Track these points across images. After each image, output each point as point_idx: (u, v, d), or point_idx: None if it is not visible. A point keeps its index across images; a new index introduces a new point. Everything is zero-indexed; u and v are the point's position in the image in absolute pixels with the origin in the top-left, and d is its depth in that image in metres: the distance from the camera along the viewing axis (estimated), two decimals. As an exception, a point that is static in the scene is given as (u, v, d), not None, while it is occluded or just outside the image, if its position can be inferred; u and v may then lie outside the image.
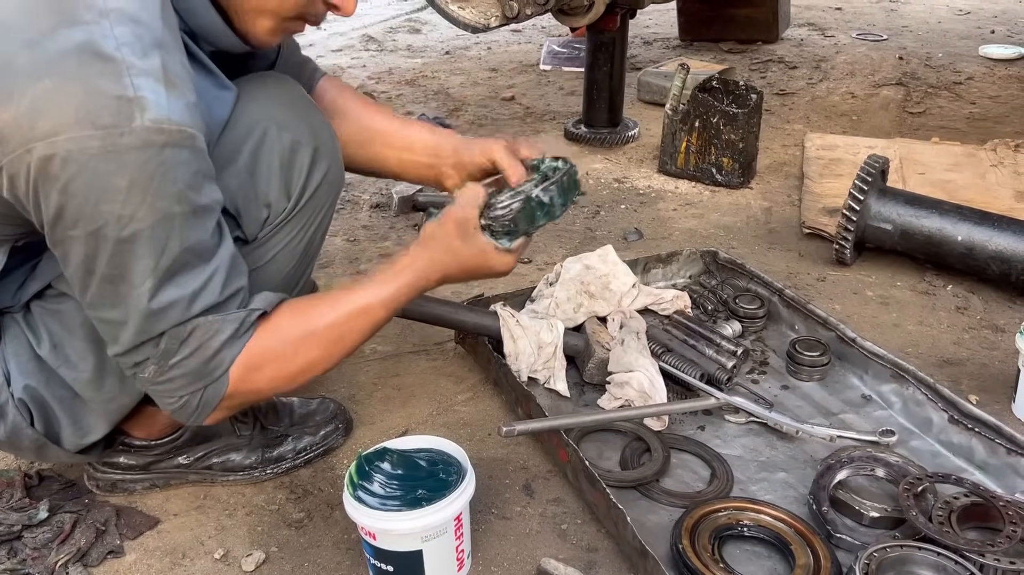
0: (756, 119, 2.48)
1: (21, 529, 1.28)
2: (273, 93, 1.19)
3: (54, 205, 0.94)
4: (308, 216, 1.21)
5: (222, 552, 1.27)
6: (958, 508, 1.24)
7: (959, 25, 4.49)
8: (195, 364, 1.06)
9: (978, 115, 3.14)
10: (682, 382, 1.55)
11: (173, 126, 0.94)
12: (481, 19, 2.40)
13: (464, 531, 1.18)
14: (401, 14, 4.93)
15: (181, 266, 1.01)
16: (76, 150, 0.91)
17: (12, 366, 1.17)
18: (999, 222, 1.89)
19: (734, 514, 1.26)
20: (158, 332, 1.03)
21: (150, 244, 0.97)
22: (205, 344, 1.05)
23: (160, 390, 1.09)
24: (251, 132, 1.14)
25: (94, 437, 1.23)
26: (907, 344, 1.76)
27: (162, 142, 0.94)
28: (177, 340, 1.04)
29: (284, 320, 1.13)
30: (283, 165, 1.16)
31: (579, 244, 2.18)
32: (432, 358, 1.73)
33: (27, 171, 0.92)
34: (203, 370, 1.07)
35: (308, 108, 1.22)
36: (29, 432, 1.18)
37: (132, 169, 0.93)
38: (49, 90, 0.90)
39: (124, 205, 0.94)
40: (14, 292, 1.16)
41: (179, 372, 1.06)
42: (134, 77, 0.92)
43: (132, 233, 0.96)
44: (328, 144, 1.22)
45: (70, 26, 0.91)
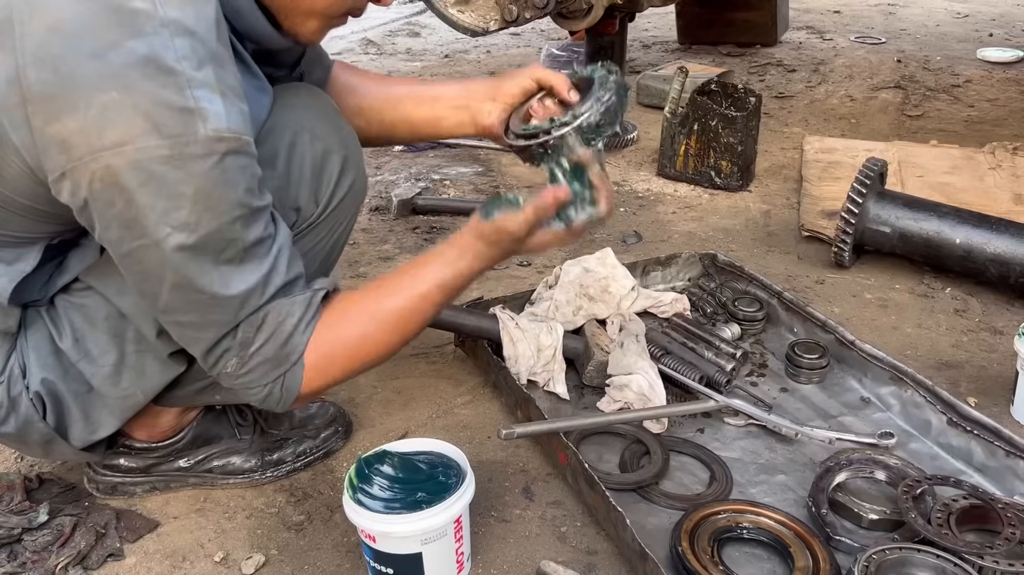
0: (755, 122, 2.48)
1: (21, 532, 1.28)
2: (307, 103, 1.23)
3: (121, 215, 0.96)
4: (333, 223, 1.25)
5: (222, 555, 1.27)
6: (957, 510, 1.24)
7: (957, 28, 4.50)
8: (272, 350, 1.08)
9: (976, 118, 3.14)
10: (681, 385, 1.56)
11: (231, 134, 0.97)
12: (480, 23, 2.41)
13: (464, 534, 1.18)
14: (400, 17, 4.94)
15: (244, 260, 1.03)
16: (144, 159, 0.93)
17: (31, 359, 1.18)
18: (997, 225, 1.89)
19: (733, 516, 1.26)
20: (235, 323, 1.05)
21: (215, 247, 1.00)
22: (279, 328, 1.08)
23: (242, 383, 1.11)
24: (286, 138, 1.17)
25: (103, 433, 1.24)
26: (906, 346, 1.76)
27: (223, 150, 0.96)
28: (253, 327, 1.06)
29: (349, 303, 1.17)
30: (314, 172, 1.19)
31: (578, 247, 2.18)
32: (432, 361, 1.73)
33: (92, 179, 0.94)
34: (280, 355, 1.09)
35: (338, 119, 1.25)
36: (40, 426, 1.19)
37: (198, 177, 0.95)
38: (116, 101, 0.92)
39: (191, 212, 0.96)
40: (41, 287, 1.17)
41: (258, 361, 1.09)
42: (194, 89, 0.94)
43: (199, 239, 0.98)
44: (355, 155, 1.25)
45: (133, 38, 0.93)
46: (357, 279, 2.05)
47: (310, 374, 1.12)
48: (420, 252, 2.17)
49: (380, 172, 2.68)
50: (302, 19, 1.12)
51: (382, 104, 1.41)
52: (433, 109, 1.40)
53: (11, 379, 1.18)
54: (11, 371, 1.18)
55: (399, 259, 2.15)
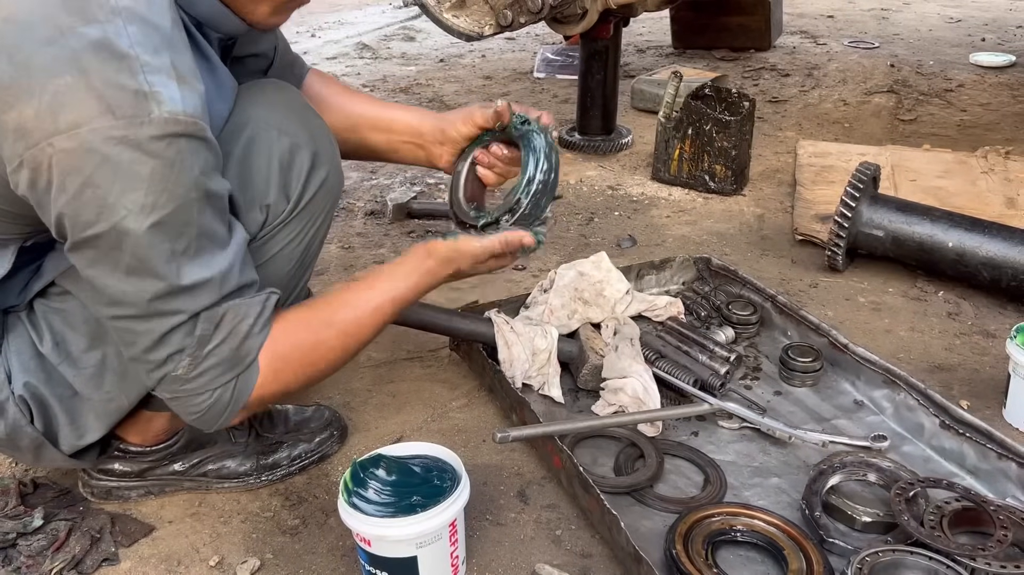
0: (749, 126, 2.49)
1: (16, 537, 1.28)
2: (273, 99, 1.21)
3: (75, 199, 0.95)
4: (307, 220, 1.22)
5: (217, 559, 1.27)
6: (949, 513, 1.25)
7: (950, 33, 4.52)
8: (228, 351, 1.07)
9: (969, 122, 3.16)
10: (676, 388, 1.56)
11: (186, 117, 0.96)
12: (475, 28, 2.41)
13: (459, 537, 1.18)
14: (395, 22, 4.95)
15: (199, 250, 1.02)
16: (99, 140, 0.93)
17: (14, 364, 1.18)
18: (989, 229, 1.90)
19: (727, 519, 1.27)
20: (192, 311, 1.03)
21: (171, 230, 0.99)
22: (236, 329, 1.06)
23: (191, 388, 1.08)
24: (249, 134, 1.16)
25: (91, 438, 1.23)
26: (899, 350, 1.77)
27: (179, 132, 0.96)
28: (212, 324, 1.05)
29: (304, 311, 1.17)
30: (282, 167, 1.17)
31: (573, 251, 2.19)
32: (427, 365, 1.73)
33: (49, 163, 0.93)
34: (235, 357, 1.08)
35: (307, 114, 1.23)
36: (28, 430, 1.19)
37: (153, 157, 0.95)
38: (70, 85, 0.92)
39: (147, 193, 0.96)
40: (19, 291, 1.17)
41: (213, 362, 1.06)
42: (148, 74, 0.94)
43: (155, 221, 0.97)
44: (327, 150, 1.23)
45: (85, 24, 0.93)
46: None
47: (264, 378, 1.11)
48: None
49: (375, 176, 2.68)
50: (251, 4, 1.11)
51: (343, 124, 1.42)
52: (388, 139, 1.45)
53: None
54: None
55: (394, 263, 2.15)
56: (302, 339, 1.15)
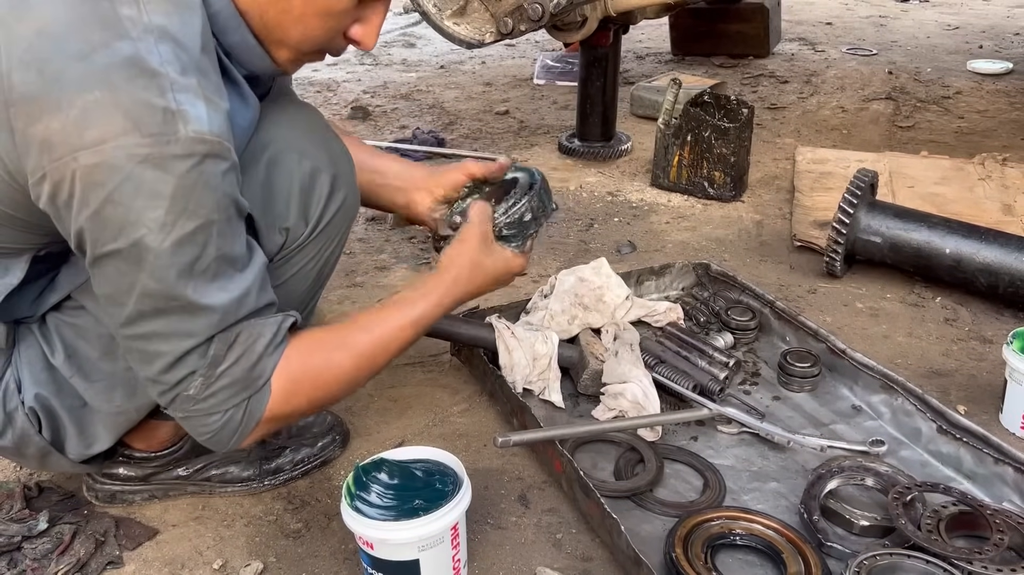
0: (747, 133, 2.51)
1: (21, 540, 1.29)
2: (294, 120, 1.22)
3: (97, 214, 0.95)
4: (324, 242, 1.23)
5: (221, 562, 1.28)
6: (947, 517, 1.26)
7: (948, 40, 4.54)
8: (240, 371, 1.06)
9: (966, 129, 3.17)
10: (675, 393, 1.57)
11: (213, 138, 0.97)
12: (476, 35, 2.43)
13: (460, 540, 1.19)
14: (396, 28, 4.97)
15: (217, 273, 1.01)
16: (123, 157, 0.92)
17: (25, 374, 1.19)
18: (986, 235, 1.91)
19: (727, 523, 1.28)
20: (207, 336, 1.02)
21: (191, 250, 0.98)
22: (249, 349, 1.06)
23: (203, 407, 1.06)
24: (271, 156, 1.16)
25: (99, 448, 1.24)
26: (897, 355, 1.78)
27: (204, 152, 0.96)
28: (225, 345, 1.04)
29: (319, 333, 1.17)
30: (303, 191, 1.18)
31: (573, 257, 2.20)
32: (428, 370, 1.74)
33: (72, 178, 0.93)
34: (248, 377, 1.07)
35: (328, 136, 1.24)
36: (36, 439, 1.20)
37: (177, 176, 0.95)
38: (98, 100, 0.92)
39: (168, 212, 0.95)
40: (31, 302, 1.18)
41: (226, 382, 1.05)
42: (176, 92, 0.94)
43: (175, 240, 0.97)
44: (346, 173, 1.24)
45: (117, 40, 0.93)
46: (353, 288, 2.06)
47: (275, 399, 1.10)
48: (416, 262, 2.19)
49: (376, 182, 2.69)
50: (275, 46, 1.11)
51: None
52: (372, 182, 1.47)
53: (7, 394, 1.19)
54: (6, 386, 1.19)
55: (395, 269, 2.16)
56: (316, 362, 1.14)
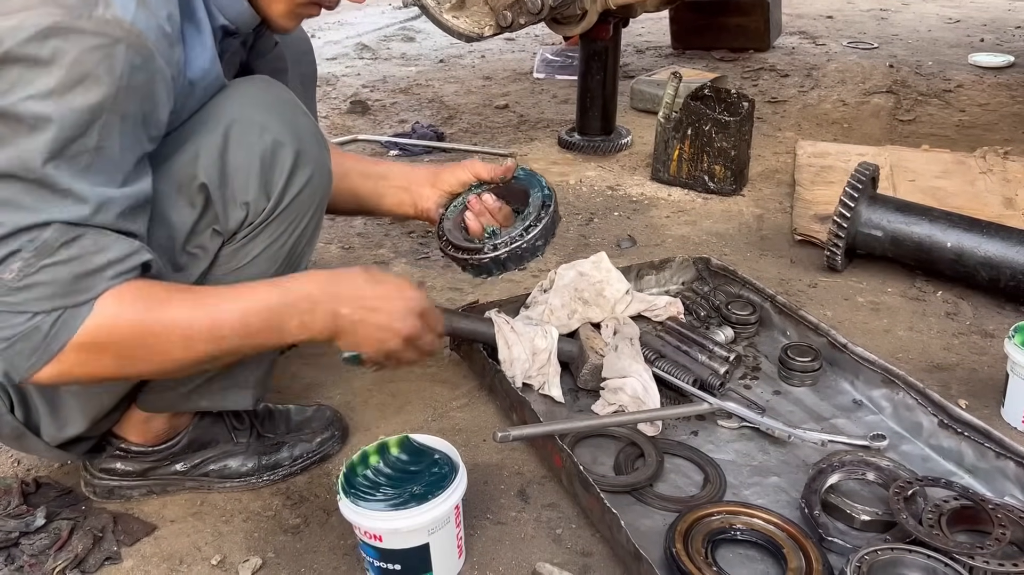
0: (748, 127, 2.50)
1: (18, 536, 1.29)
2: (260, 94, 1.18)
3: None
4: (290, 220, 1.19)
5: (219, 558, 1.27)
6: (948, 511, 1.25)
7: (949, 33, 4.53)
8: (67, 273, 0.97)
9: (967, 123, 3.17)
10: (675, 388, 1.57)
11: (131, 27, 0.95)
12: (475, 28, 2.42)
13: (461, 518, 1.21)
14: (395, 23, 4.96)
15: (89, 167, 0.96)
16: (31, 23, 0.92)
17: None
18: (988, 229, 1.91)
19: (727, 518, 1.27)
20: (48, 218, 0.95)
21: (67, 126, 0.94)
22: (86, 256, 0.97)
23: (12, 301, 0.97)
24: (231, 128, 1.13)
25: (72, 431, 1.23)
26: (898, 349, 1.77)
27: (116, 36, 0.94)
28: (61, 237, 0.96)
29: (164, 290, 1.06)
30: (264, 165, 1.14)
31: (573, 251, 2.20)
32: (427, 365, 1.73)
33: None
34: (72, 285, 0.97)
35: (294, 112, 1.20)
36: (8, 419, 1.20)
37: (79, 48, 0.93)
38: None
39: (59, 83, 0.93)
40: None
41: (46, 278, 0.96)
42: None
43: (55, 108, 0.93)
44: (312, 149, 1.20)
45: None
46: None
47: (91, 330, 0.98)
48: (416, 256, 2.19)
49: (375, 177, 2.68)
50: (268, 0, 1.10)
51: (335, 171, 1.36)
52: (377, 186, 1.47)
53: None
54: None
55: (395, 263, 2.16)
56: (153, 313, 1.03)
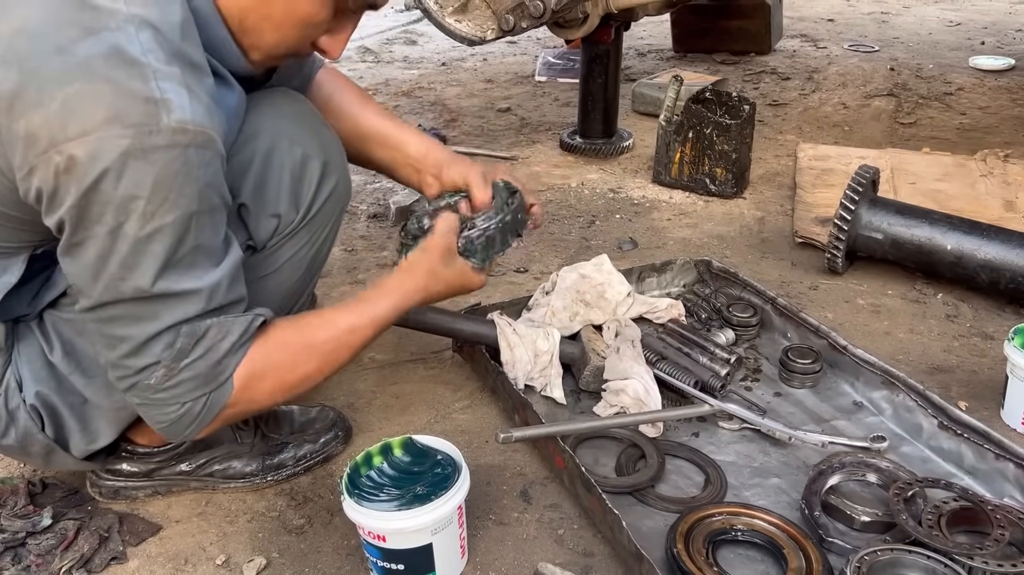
0: (749, 130, 2.51)
1: (25, 536, 1.30)
2: (284, 108, 1.23)
3: (78, 204, 0.95)
4: (316, 228, 1.25)
5: (224, 558, 1.28)
6: (947, 512, 1.26)
7: (950, 36, 4.53)
8: (204, 367, 1.07)
9: (968, 126, 3.17)
10: (676, 389, 1.57)
11: (196, 127, 0.97)
12: (478, 32, 2.43)
13: (464, 519, 1.21)
14: (397, 26, 4.97)
15: (192, 264, 1.02)
16: (106, 148, 0.93)
17: (25, 372, 1.20)
18: (988, 231, 1.91)
19: (728, 519, 1.28)
20: (174, 321, 1.03)
21: (168, 241, 0.99)
22: (216, 346, 1.07)
23: (162, 398, 1.08)
24: (263, 144, 1.18)
25: (102, 443, 1.25)
26: (898, 351, 1.78)
27: (186, 142, 0.96)
28: (194, 338, 1.05)
29: (283, 332, 1.17)
30: (293, 178, 1.20)
31: (575, 253, 2.20)
32: (430, 366, 1.75)
33: (55, 171, 0.94)
34: (211, 373, 1.08)
35: (317, 123, 1.25)
36: (40, 437, 1.21)
37: (159, 167, 0.95)
38: (79, 92, 0.92)
39: (148, 202, 0.96)
40: (30, 301, 1.18)
41: (189, 375, 1.07)
42: (159, 80, 0.95)
43: (153, 230, 0.97)
44: (337, 159, 1.26)
45: (97, 33, 0.94)
46: (355, 286, 2.06)
47: (236, 396, 1.12)
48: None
49: (378, 179, 2.69)
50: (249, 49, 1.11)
51: (353, 133, 1.44)
52: (393, 157, 1.49)
53: (8, 392, 1.20)
54: (7, 384, 1.20)
55: (397, 266, 2.16)
56: (278, 360, 1.15)
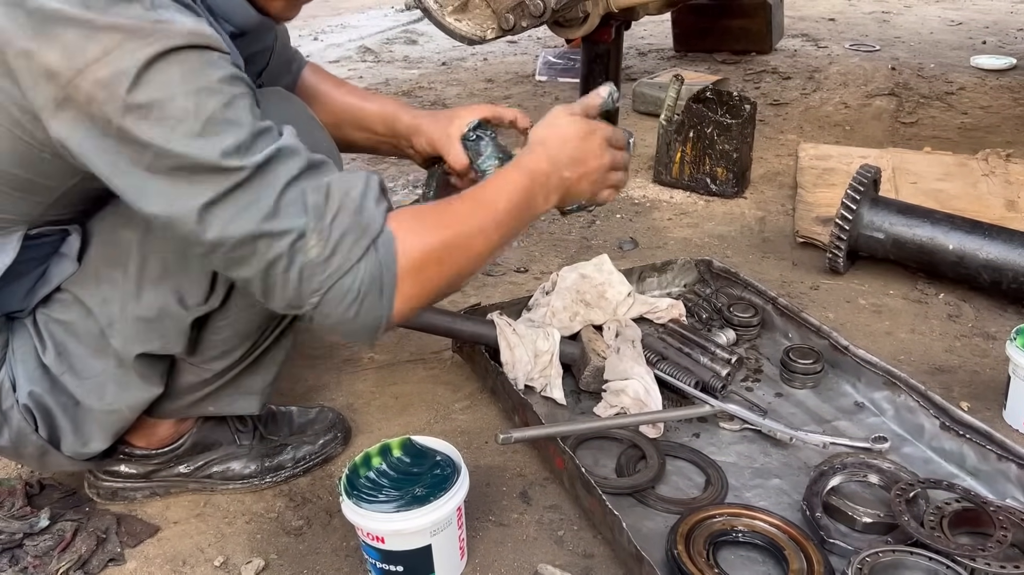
0: (750, 129, 2.50)
1: (22, 537, 1.29)
2: (279, 109, 1.21)
3: (120, 128, 0.92)
4: None
5: (222, 559, 1.28)
6: (949, 513, 1.25)
7: (951, 36, 4.53)
8: (349, 217, 0.98)
9: (970, 125, 3.17)
10: (677, 390, 1.57)
11: (209, 34, 0.95)
12: (478, 31, 2.42)
13: (463, 520, 1.21)
14: (398, 25, 4.97)
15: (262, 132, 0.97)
16: (131, 61, 0.91)
17: (19, 372, 1.19)
18: (990, 231, 1.91)
19: (729, 520, 1.27)
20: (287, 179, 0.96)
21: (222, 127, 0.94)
22: (348, 194, 0.99)
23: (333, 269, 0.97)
24: None
25: (95, 447, 1.24)
26: (899, 352, 1.77)
27: (203, 43, 0.94)
28: (320, 192, 0.98)
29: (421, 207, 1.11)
30: None
31: (575, 253, 2.20)
32: (430, 367, 1.74)
33: (86, 100, 0.91)
34: (360, 222, 0.99)
35: (312, 125, 1.25)
36: (33, 438, 1.20)
37: (182, 65, 0.92)
38: (88, 24, 0.91)
39: (188, 98, 0.92)
40: (23, 296, 1.18)
41: (340, 229, 0.97)
42: (158, 8, 0.93)
43: (204, 122, 0.93)
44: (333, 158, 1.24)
45: None
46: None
47: (404, 244, 1.01)
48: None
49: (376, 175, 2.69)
50: None
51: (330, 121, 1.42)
52: (368, 137, 1.51)
53: (2, 392, 1.19)
54: (2, 385, 1.19)
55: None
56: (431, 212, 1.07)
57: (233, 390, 1.32)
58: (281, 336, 1.31)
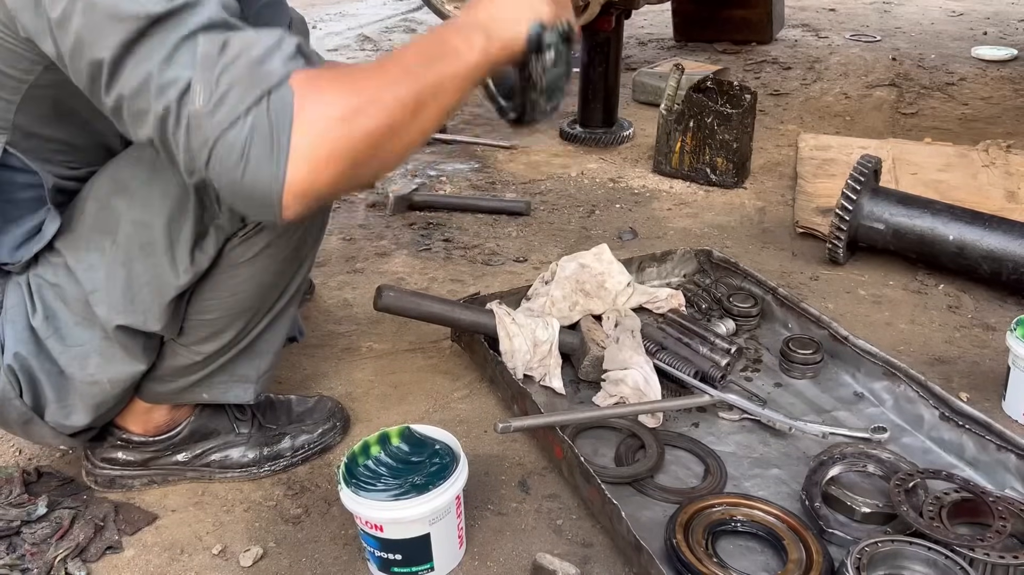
0: (750, 119, 2.49)
1: (20, 525, 1.29)
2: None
3: None
4: None
5: (220, 547, 1.28)
6: (948, 504, 1.25)
7: (952, 26, 4.51)
8: (243, 68, 0.89)
9: (970, 116, 3.16)
10: (676, 380, 1.57)
11: None
12: (477, 19, 2.41)
13: (462, 509, 1.21)
14: (397, 14, 4.94)
15: None
16: None
17: (8, 332, 1.19)
18: (990, 222, 1.90)
19: (728, 510, 1.27)
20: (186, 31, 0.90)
21: None
22: (247, 50, 0.90)
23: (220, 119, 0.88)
24: None
25: (77, 421, 1.24)
26: (899, 342, 1.77)
27: None
28: (215, 44, 0.90)
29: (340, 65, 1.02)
30: None
31: (574, 243, 2.19)
32: (428, 356, 1.74)
33: None
34: (256, 73, 0.90)
35: None
36: (17, 403, 1.20)
37: None
38: None
39: None
40: (14, 247, 1.17)
41: (229, 79, 0.89)
42: None
43: None
44: None
45: None
46: (354, 275, 2.05)
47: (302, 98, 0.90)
48: (417, 247, 2.18)
49: (377, 168, 2.68)
50: None
51: None
52: None
53: None
54: None
55: (396, 255, 2.15)
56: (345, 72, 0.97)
57: (227, 376, 1.32)
58: (274, 322, 1.31)
